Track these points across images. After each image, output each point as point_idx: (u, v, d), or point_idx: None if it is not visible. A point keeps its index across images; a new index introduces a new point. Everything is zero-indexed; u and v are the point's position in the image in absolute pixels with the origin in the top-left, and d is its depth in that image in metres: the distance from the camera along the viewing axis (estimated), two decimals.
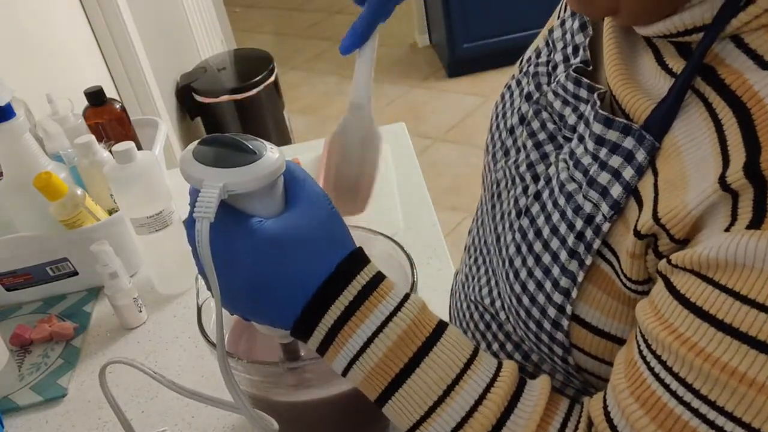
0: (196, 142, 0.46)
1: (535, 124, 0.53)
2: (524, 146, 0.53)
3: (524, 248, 0.50)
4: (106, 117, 1.14)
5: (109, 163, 0.91)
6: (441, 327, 0.46)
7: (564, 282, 0.46)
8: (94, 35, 1.83)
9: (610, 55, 0.46)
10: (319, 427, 0.69)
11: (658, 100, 0.42)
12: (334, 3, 4.33)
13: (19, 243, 0.95)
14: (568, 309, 0.47)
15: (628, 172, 0.42)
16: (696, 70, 0.40)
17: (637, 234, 0.41)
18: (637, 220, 0.41)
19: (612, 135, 0.43)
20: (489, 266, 0.60)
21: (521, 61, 0.60)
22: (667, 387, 0.38)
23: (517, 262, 0.51)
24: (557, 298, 0.47)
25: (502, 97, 0.60)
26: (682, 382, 0.37)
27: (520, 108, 0.56)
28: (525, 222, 0.50)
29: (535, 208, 0.50)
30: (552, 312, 0.48)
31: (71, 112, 1.11)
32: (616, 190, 0.43)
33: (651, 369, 0.39)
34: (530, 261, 0.49)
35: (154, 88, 2.03)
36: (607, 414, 0.42)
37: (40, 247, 0.96)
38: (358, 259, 0.46)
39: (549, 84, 0.53)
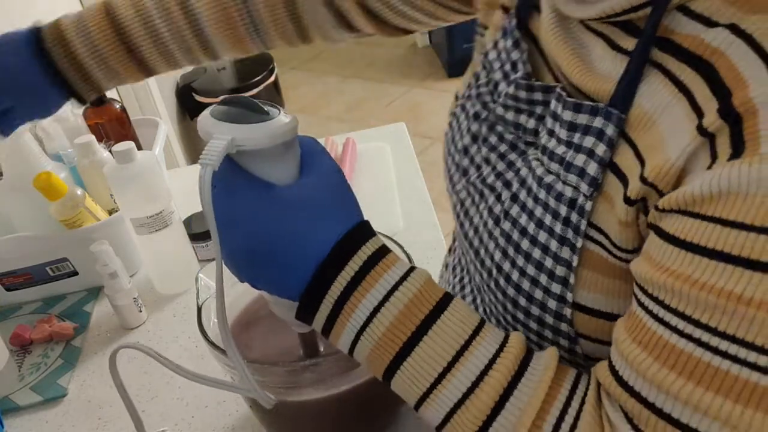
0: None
1: (493, 138, 0.55)
2: (487, 160, 0.55)
3: (511, 250, 0.51)
4: (106, 117, 1.14)
5: (109, 163, 0.91)
6: (447, 297, 0.47)
7: (560, 271, 0.47)
8: None
9: (563, 53, 0.48)
10: (319, 427, 0.69)
11: (619, 79, 0.44)
12: None
13: (19, 243, 0.95)
14: (569, 297, 0.47)
15: (600, 149, 0.44)
16: (651, 42, 0.42)
17: (628, 200, 0.42)
18: (625, 191, 0.43)
19: (582, 119, 0.45)
20: (473, 285, 0.61)
21: (457, 97, 0.63)
22: (667, 325, 0.39)
23: (506, 266, 0.51)
24: (555, 288, 0.48)
25: (450, 125, 0.63)
26: (681, 316, 0.38)
27: (469, 128, 0.58)
28: (507, 225, 0.51)
29: (515, 210, 0.51)
30: (553, 304, 0.48)
31: (71, 112, 1.11)
32: (592, 168, 0.45)
33: (650, 312, 0.40)
34: (520, 261, 0.50)
35: (154, 88, 2.03)
36: (612, 368, 0.43)
37: (40, 247, 0.96)
38: (364, 230, 0.47)
39: (494, 101, 0.55)
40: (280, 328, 0.60)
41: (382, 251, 0.46)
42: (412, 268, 0.47)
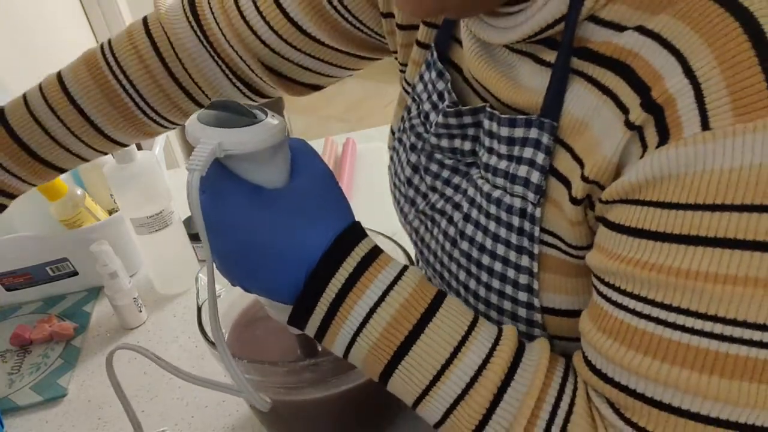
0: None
1: (434, 167, 0.56)
2: (433, 188, 0.57)
3: (474, 268, 0.52)
4: None
5: (109, 163, 0.91)
6: (441, 295, 0.47)
7: (523, 279, 0.49)
8: (94, 36, 1.83)
9: (491, 77, 0.50)
10: (319, 427, 0.69)
11: (546, 90, 0.46)
12: None
13: (19, 243, 0.95)
14: (536, 302, 0.49)
15: (540, 157, 0.46)
16: (569, 53, 0.44)
17: (574, 200, 0.44)
18: (570, 193, 0.45)
19: (518, 132, 0.47)
20: None
21: (393, 131, 0.65)
22: (625, 308, 0.41)
23: (472, 284, 0.53)
24: (522, 296, 0.49)
25: (391, 158, 0.64)
26: (637, 297, 0.40)
27: (409, 160, 0.59)
28: (465, 245, 0.53)
29: (470, 229, 0.52)
30: (523, 312, 0.50)
31: None
32: (535, 176, 0.46)
33: (608, 299, 0.42)
34: (484, 276, 0.51)
35: None
36: (586, 359, 0.44)
37: (40, 247, 0.96)
38: (355, 232, 0.47)
39: (427, 132, 0.57)
40: (280, 329, 0.60)
41: (375, 252, 0.47)
42: (405, 267, 0.47)
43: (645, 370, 0.39)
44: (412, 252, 0.66)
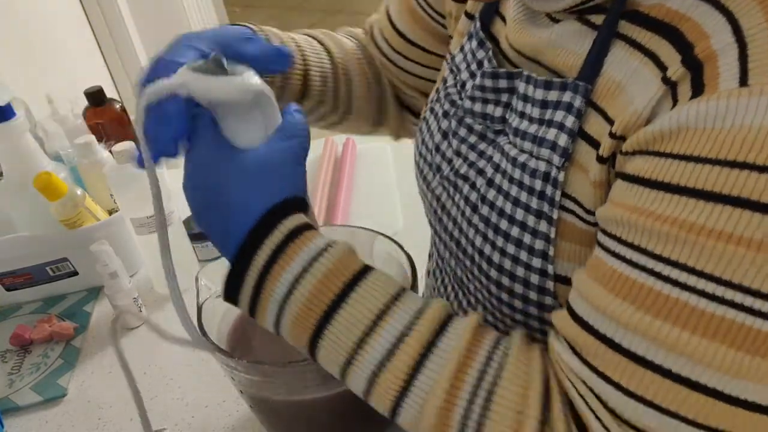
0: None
1: (463, 131, 0.57)
2: (458, 153, 0.57)
3: (490, 233, 0.52)
4: (106, 117, 1.14)
5: (109, 163, 0.91)
6: (368, 267, 0.47)
7: (539, 244, 0.49)
8: (94, 35, 1.83)
9: (531, 41, 0.50)
10: (319, 427, 0.69)
11: (587, 53, 0.46)
12: (334, 3, 4.33)
13: (19, 243, 0.95)
14: (550, 269, 0.49)
15: (569, 120, 0.46)
16: (618, 16, 0.44)
17: (600, 159, 0.44)
18: (597, 152, 0.44)
19: (553, 95, 0.47)
20: (454, 281, 0.62)
21: (430, 100, 0.65)
22: (622, 258, 0.40)
23: (487, 249, 0.53)
24: (536, 263, 0.49)
25: (420, 129, 0.65)
26: (635, 248, 0.39)
27: (440, 126, 0.60)
28: (485, 209, 0.53)
29: (491, 193, 0.52)
30: (535, 279, 0.50)
31: (71, 112, 1.11)
32: (562, 139, 0.46)
33: (608, 249, 0.41)
34: (500, 241, 0.51)
35: None
36: (569, 308, 0.43)
37: (40, 247, 0.96)
38: (292, 204, 0.48)
39: (461, 99, 0.58)
40: None
41: (304, 227, 0.47)
42: (334, 242, 0.47)
43: (626, 319, 0.39)
44: (413, 252, 0.66)
